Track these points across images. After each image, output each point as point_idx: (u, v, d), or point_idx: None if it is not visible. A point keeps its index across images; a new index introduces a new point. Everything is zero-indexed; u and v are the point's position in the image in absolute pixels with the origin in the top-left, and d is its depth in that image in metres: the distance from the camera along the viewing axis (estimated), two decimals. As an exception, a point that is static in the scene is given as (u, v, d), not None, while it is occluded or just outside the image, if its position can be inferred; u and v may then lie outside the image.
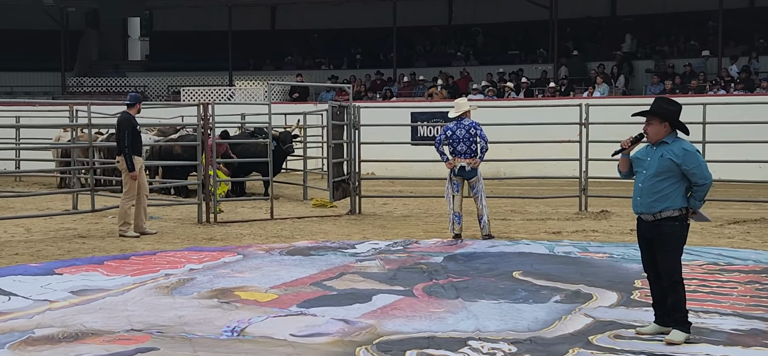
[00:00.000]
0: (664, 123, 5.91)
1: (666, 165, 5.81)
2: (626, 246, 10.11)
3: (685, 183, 5.81)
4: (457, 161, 10.78)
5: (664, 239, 5.81)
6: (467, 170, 10.80)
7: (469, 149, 10.76)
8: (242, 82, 26.27)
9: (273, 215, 13.23)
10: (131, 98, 11.36)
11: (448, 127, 10.88)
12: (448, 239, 10.79)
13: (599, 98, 21.33)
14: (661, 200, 5.80)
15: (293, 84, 24.59)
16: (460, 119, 10.85)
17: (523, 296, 7.41)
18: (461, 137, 10.76)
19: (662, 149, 5.88)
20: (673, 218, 5.79)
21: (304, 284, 7.97)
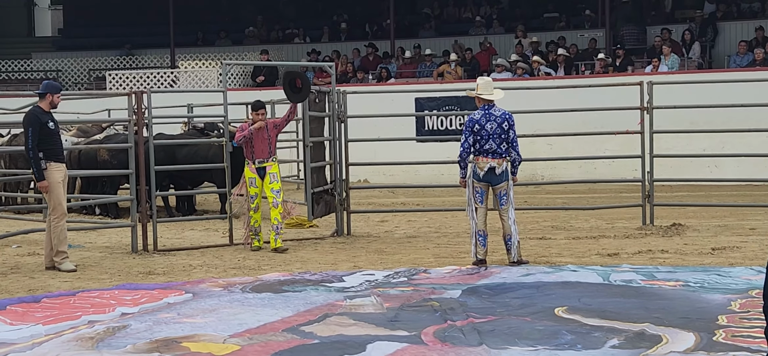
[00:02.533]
0: None
1: None
2: (706, 271, 10.12)
3: None
4: (482, 162, 10.75)
5: None
6: (497, 172, 10.78)
7: (500, 147, 10.74)
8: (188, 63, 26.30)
9: (232, 239, 13.22)
10: (43, 87, 11.37)
11: (474, 118, 10.83)
12: (467, 267, 10.80)
13: (667, 73, 21.39)
14: None
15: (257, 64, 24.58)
16: (488, 107, 10.82)
17: (569, 340, 7.40)
18: (492, 131, 10.72)
19: None
20: None
21: (276, 330, 7.94)
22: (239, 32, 30.06)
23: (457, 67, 24.16)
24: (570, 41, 24.95)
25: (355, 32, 28.92)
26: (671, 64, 22.04)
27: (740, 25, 24.75)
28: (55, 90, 11.31)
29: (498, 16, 27.93)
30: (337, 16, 29.72)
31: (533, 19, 27.76)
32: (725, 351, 6.93)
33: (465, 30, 27.77)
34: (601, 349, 7.11)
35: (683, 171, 15.76)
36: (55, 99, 11.26)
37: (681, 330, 7.60)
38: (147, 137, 13.18)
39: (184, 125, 18.47)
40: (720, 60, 23.92)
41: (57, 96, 11.31)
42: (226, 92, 13.43)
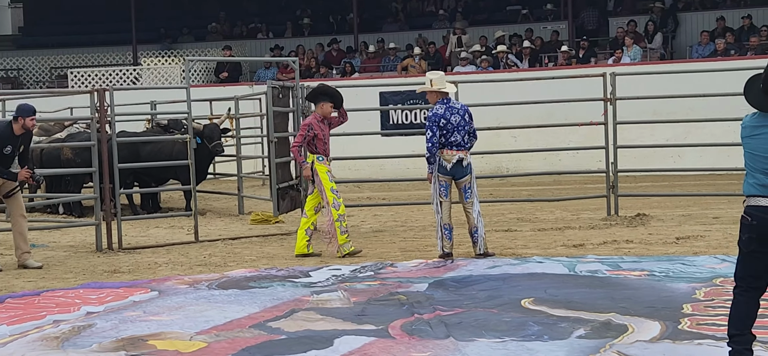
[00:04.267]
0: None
1: None
2: (671, 260, 10.20)
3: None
4: (449, 154, 10.80)
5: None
6: (464, 164, 10.85)
7: (463, 139, 10.82)
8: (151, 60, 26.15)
9: (198, 236, 13.18)
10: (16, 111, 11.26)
11: (438, 113, 10.88)
12: (434, 260, 10.82)
13: (629, 64, 21.52)
14: None
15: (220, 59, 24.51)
16: (446, 100, 10.90)
17: (536, 331, 7.44)
18: (457, 124, 10.81)
19: None
20: None
21: (243, 327, 7.93)
22: (202, 28, 29.93)
23: (421, 60, 24.17)
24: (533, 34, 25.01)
25: (318, 27, 28.87)
26: (634, 56, 22.17)
27: (702, 15, 24.93)
28: (26, 113, 11.15)
29: (462, 10, 27.97)
30: (300, 11, 29.64)
31: (496, 12, 27.83)
32: (690, 339, 7.00)
33: (429, 24, 27.80)
34: (568, 339, 7.15)
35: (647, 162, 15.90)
36: (27, 122, 11.13)
37: (646, 319, 7.66)
38: (110, 135, 13.10)
39: (147, 122, 18.38)
40: (682, 51, 24.09)
41: (30, 120, 11.16)
42: (189, 89, 13.38)
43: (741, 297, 6.05)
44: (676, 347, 6.86)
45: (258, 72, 25.61)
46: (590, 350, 6.84)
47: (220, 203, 17.87)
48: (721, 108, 15.24)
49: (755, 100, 5.98)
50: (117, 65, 26.99)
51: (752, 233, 5.92)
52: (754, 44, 21.63)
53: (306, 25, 28.92)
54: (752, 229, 5.91)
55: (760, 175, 5.89)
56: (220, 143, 16.06)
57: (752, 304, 6.02)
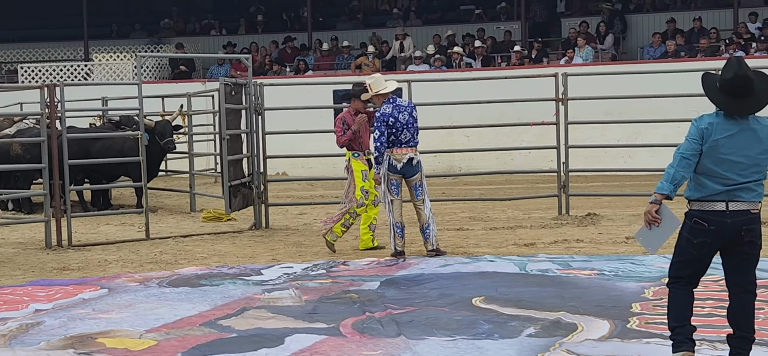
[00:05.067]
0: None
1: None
2: (620, 260, 10.28)
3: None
4: (399, 153, 10.82)
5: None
6: (414, 163, 10.87)
7: (413, 136, 10.85)
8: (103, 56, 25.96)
9: (149, 233, 13.10)
10: None
11: (385, 113, 10.88)
12: (386, 259, 10.83)
13: (581, 64, 21.66)
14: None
15: (172, 56, 24.37)
16: (392, 100, 10.90)
17: (487, 330, 7.46)
18: (405, 122, 10.82)
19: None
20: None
21: (193, 324, 7.90)
22: (154, 24, 29.76)
23: (374, 59, 24.19)
24: (486, 33, 25.12)
25: (272, 24, 28.80)
26: (586, 56, 22.34)
27: (653, 17, 25.18)
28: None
29: (415, 9, 28.02)
30: (253, 8, 29.56)
31: (450, 11, 27.91)
32: (639, 338, 7.06)
33: (383, 22, 27.83)
34: (518, 338, 7.19)
35: (598, 162, 16.01)
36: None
37: (596, 318, 7.71)
38: (60, 131, 12.99)
39: (98, 118, 18.24)
40: (633, 52, 24.32)
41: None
42: (140, 85, 13.28)
43: (678, 291, 6.13)
44: (625, 345, 6.92)
45: (211, 69, 25.50)
46: (540, 348, 6.88)
47: (172, 200, 17.77)
48: (671, 109, 15.39)
49: (720, 100, 6.02)
50: (68, 61, 26.75)
51: (708, 238, 5.95)
52: (703, 46, 21.90)
53: (260, 22, 28.84)
54: (708, 234, 5.94)
55: (726, 177, 5.90)
56: (171, 139, 15.98)
57: (689, 298, 6.11)
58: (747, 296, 6.08)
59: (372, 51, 24.55)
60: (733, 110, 5.96)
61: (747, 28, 22.48)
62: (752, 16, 22.97)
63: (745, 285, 6.07)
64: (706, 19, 23.81)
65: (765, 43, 21.36)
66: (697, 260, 6.06)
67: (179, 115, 16.65)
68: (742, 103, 5.95)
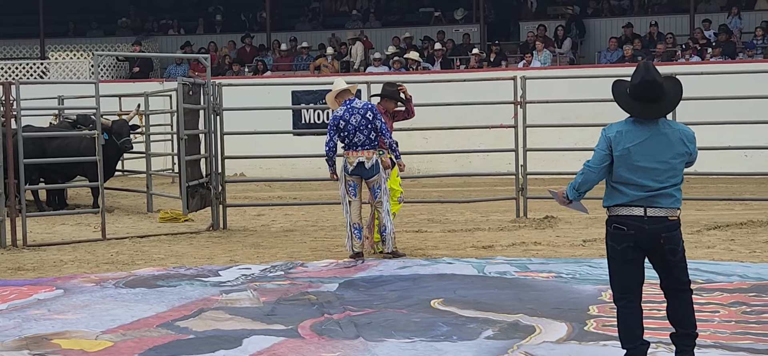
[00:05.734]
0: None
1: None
2: (578, 262, 10.33)
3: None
4: (351, 156, 10.82)
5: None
6: (367, 166, 10.86)
7: (368, 138, 10.82)
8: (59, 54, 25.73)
9: (105, 234, 13.01)
10: None
11: (337, 115, 10.89)
12: (344, 260, 10.82)
13: (539, 68, 21.76)
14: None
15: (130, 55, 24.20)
16: (349, 101, 10.89)
17: (445, 332, 7.48)
18: (356, 124, 10.81)
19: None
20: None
21: (150, 326, 7.87)
22: (112, 23, 29.54)
23: (333, 60, 24.17)
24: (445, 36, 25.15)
25: (230, 24, 28.69)
26: (544, 60, 22.44)
27: (610, 21, 25.34)
28: None
29: (375, 10, 28.03)
30: (212, 7, 29.44)
31: (409, 13, 27.93)
32: (596, 341, 7.11)
33: (341, 23, 27.79)
34: (476, 340, 7.21)
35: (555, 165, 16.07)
36: None
37: (553, 320, 7.75)
38: (15, 130, 12.86)
39: (54, 117, 18.08)
40: (591, 56, 24.46)
41: None
42: (98, 84, 13.17)
43: (626, 309, 6.11)
44: (582, 348, 6.96)
45: (169, 69, 25.36)
46: (498, 350, 6.90)
47: (129, 200, 17.65)
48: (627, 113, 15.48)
49: (627, 105, 6.07)
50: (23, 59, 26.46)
51: (629, 242, 5.98)
52: (660, 51, 22.06)
53: (218, 22, 28.73)
54: (628, 238, 5.97)
55: (643, 184, 5.92)
56: (129, 139, 15.87)
57: (636, 314, 6.10)
58: (683, 295, 6.12)
59: (331, 52, 24.52)
60: (642, 114, 6.00)
61: (703, 33, 22.69)
62: (706, 23, 23.19)
63: (678, 285, 6.11)
64: (663, 24, 24.01)
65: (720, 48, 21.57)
66: (626, 268, 6.05)
67: (136, 114, 16.54)
68: (651, 107, 5.98)
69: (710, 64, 20.69)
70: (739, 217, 13.61)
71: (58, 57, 25.30)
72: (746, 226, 12.84)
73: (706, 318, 7.65)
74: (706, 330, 7.24)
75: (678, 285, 6.10)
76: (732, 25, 23.06)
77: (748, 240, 11.75)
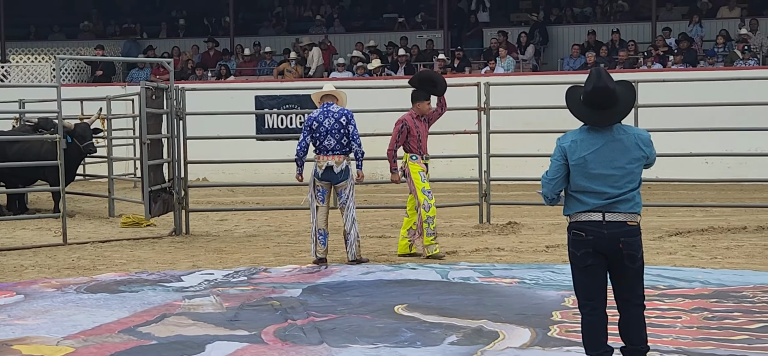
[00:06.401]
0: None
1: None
2: (541, 268, 10.37)
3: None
4: (321, 160, 10.81)
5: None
6: (336, 171, 10.84)
7: (339, 143, 10.81)
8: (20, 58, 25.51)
9: (66, 238, 12.91)
10: None
11: (312, 116, 10.89)
12: (308, 266, 10.80)
13: (503, 74, 21.83)
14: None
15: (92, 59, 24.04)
16: (327, 105, 10.89)
17: (409, 337, 7.48)
18: (329, 127, 10.80)
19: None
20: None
21: (112, 331, 7.82)
22: (74, 27, 29.33)
23: (297, 65, 24.13)
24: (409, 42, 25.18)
25: (193, 29, 28.58)
26: (507, 66, 22.51)
27: (573, 29, 25.48)
28: None
29: (338, 16, 28.01)
30: (175, 11, 29.31)
31: (373, 19, 27.95)
32: (560, 346, 7.13)
33: (305, 29, 27.75)
34: (440, 346, 7.21)
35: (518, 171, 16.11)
36: None
37: (517, 326, 7.77)
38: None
39: (15, 121, 17.92)
40: (554, 62, 24.57)
41: None
42: (59, 88, 13.08)
43: (590, 316, 6.12)
44: (546, 353, 6.98)
45: (132, 73, 25.21)
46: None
47: (90, 205, 17.53)
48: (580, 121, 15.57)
49: (580, 112, 6.09)
50: (-16, 62, 26.22)
51: (588, 247, 5.99)
52: (622, 58, 22.20)
53: (181, 26, 28.61)
54: (588, 244, 5.98)
55: (601, 192, 5.94)
56: (91, 143, 15.75)
57: (600, 322, 6.11)
58: (635, 309, 6.10)
59: (294, 57, 24.48)
60: (595, 121, 6.02)
61: (664, 41, 22.86)
62: (667, 31, 23.37)
63: (632, 298, 6.09)
64: (625, 32, 24.17)
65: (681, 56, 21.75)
66: (588, 274, 6.06)
67: (98, 118, 16.43)
68: (604, 114, 5.99)
69: (672, 71, 20.86)
70: (701, 223, 13.72)
71: (19, 60, 25.09)
72: (707, 232, 12.94)
73: (668, 324, 7.71)
74: (667, 336, 7.30)
75: (632, 298, 6.08)
76: (693, 33, 23.26)
77: (709, 246, 11.84)
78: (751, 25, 22.80)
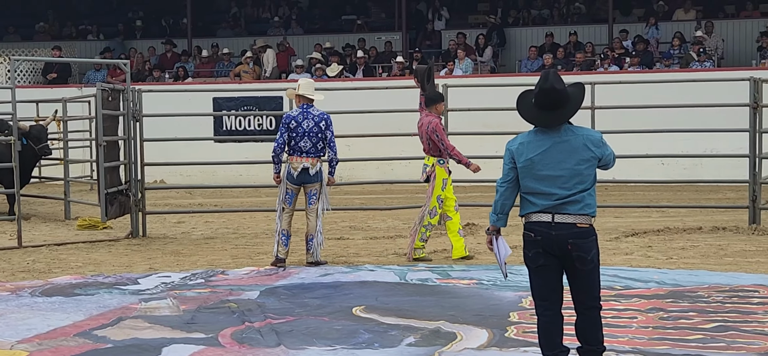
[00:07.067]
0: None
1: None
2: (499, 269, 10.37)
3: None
4: (296, 162, 10.75)
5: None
6: (311, 173, 10.80)
7: (315, 147, 10.77)
8: (-26, 59, 25.22)
9: (21, 241, 12.79)
10: None
11: (291, 115, 10.83)
12: (266, 268, 10.77)
13: (461, 76, 21.89)
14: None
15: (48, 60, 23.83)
16: (307, 106, 10.84)
17: (367, 339, 7.48)
18: (308, 129, 10.74)
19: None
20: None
21: (67, 335, 7.74)
22: (29, 28, 29.06)
23: (255, 66, 24.04)
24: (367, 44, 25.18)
25: (151, 30, 28.41)
26: (465, 68, 22.57)
27: (531, 30, 25.60)
28: None
29: (296, 17, 27.96)
30: (132, 13, 29.13)
31: (331, 21, 27.92)
32: (517, 347, 7.15)
33: (264, 30, 27.68)
34: (398, 347, 7.21)
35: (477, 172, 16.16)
36: None
37: (475, 327, 7.79)
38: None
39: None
40: (512, 64, 24.66)
41: None
42: (14, 89, 12.96)
43: (545, 317, 6.14)
44: (503, 354, 7.01)
45: (88, 74, 25.02)
46: (420, 358, 6.92)
47: (46, 207, 17.36)
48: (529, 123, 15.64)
49: (530, 115, 6.12)
50: (-63, 63, 25.92)
51: (538, 248, 6.02)
52: (579, 60, 22.33)
53: (138, 27, 28.43)
54: (537, 244, 6.01)
55: (550, 193, 5.96)
56: (46, 144, 15.63)
57: (556, 322, 6.14)
58: (589, 311, 6.12)
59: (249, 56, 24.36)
60: (541, 123, 6.05)
61: (621, 43, 23.02)
62: (624, 33, 23.55)
63: (587, 300, 6.10)
64: (582, 34, 24.31)
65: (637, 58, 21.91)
66: (541, 275, 6.09)
67: (54, 120, 16.29)
68: (551, 115, 6.02)
69: (628, 73, 21.01)
70: (657, 224, 13.83)
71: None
72: (663, 233, 13.04)
73: (624, 325, 7.75)
74: (623, 336, 7.34)
75: (587, 300, 6.08)
76: (649, 35, 23.45)
77: (665, 247, 11.94)
78: (706, 27, 23.03)
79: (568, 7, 26.29)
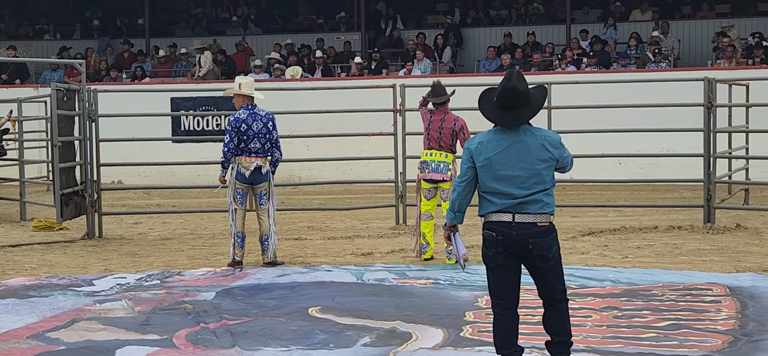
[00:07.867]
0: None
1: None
2: (455, 269, 10.41)
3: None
4: (247, 161, 10.71)
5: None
6: (263, 172, 10.78)
7: (263, 147, 10.75)
8: (-71, 58, 24.96)
9: (-25, 243, 12.68)
10: None
11: (240, 118, 10.76)
12: (222, 269, 10.73)
13: (420, 76, 21.92)
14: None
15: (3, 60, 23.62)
16: (251, 107, 10.80)
17: (322, 339, 7.47)
18: (258, 131, 10.72)
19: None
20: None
21: (20, 337, 7.68)
22: (-14, 27, 28.82)
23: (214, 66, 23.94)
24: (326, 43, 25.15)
25: (108, 29, 28.22)
26: (424, 68, 22.60)
27: (489, 31, 25.69)
28: None
29: (255, 17, 27.88)
30: (89, 12, 28.92)
31: (290, 21, 27.87)
32: (472, 346, 7.17)
33: (222, 30, 27.59)
34: (353, 348, 7.21)
35: (435, 172, 16.20)
36: None
37: (430, 326, 7.80)
38: None
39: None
40: (470, 65, 24.73)
41: None
42: (-32, 89, 12.82)
43: (501, 315, 6.18)
44: (458, 354, 7.02)
45: (44, 74, 24.81)
46: (374, 358, 6.93)
47: (1, 208, 17.21)
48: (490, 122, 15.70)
49: (491, 114, 6.16)
50: None
51: (498, 247, 6.05)
52: (537, 60, 22.43)
53: (95, 27, 28.24)
54: (498, 243, 6.04)
55: (508, 193, 5.99)
56: (1, 145, 15.50)
57: (511, 320, 6.17)
58: (556, 304, 6.19)
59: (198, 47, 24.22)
60: (502, 122, 6.09)
61: (579, 44, 23.15)
62: (583, 34, 23.69)
63: (554, 294, 6.17)
64: (540, 34, 24.43)
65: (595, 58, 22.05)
66: (499, 274, 6.12)
67: (9, 120, 16.14)
68: (512, 115, 6.06)
69: (585, 73, 21.13)
70: (613, 223, 13.92)
71: (-73, 61, 24.56)
72: (619, 232, 13.13)
73: (579, 323, 7.78)
74: (578, 335, 7.36)
75: (553, 295, 6.15)
76: (607, 35, 23.60)
77: (621, 246, 12.02)
78: (662, 28, 23.23)
79: (526, 7, 26.40)
